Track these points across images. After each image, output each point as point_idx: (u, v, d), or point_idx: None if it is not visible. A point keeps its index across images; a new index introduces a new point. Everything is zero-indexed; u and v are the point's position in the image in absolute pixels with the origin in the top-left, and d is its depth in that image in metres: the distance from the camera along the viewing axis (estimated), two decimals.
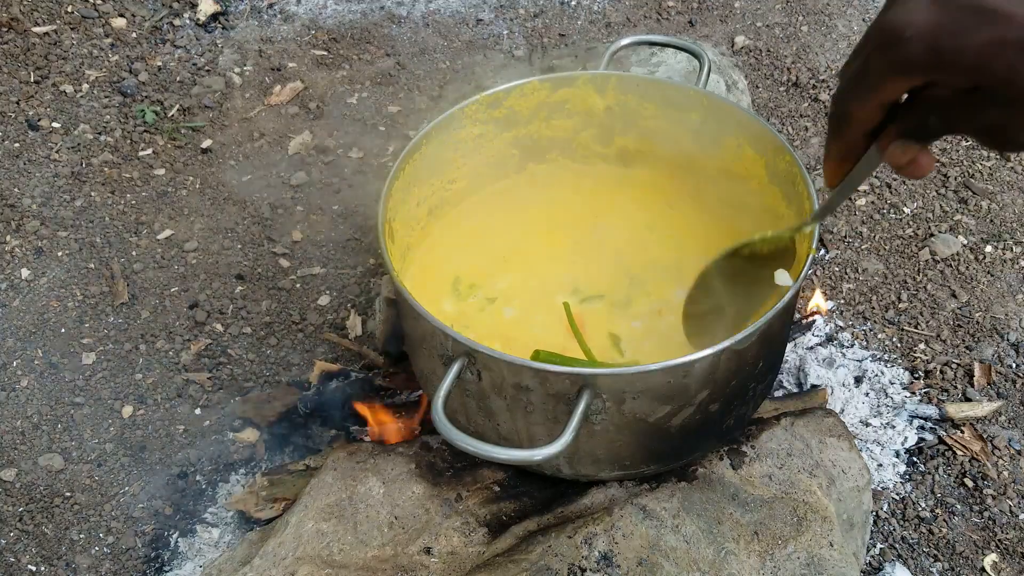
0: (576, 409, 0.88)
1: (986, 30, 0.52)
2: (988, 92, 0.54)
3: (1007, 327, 1.50)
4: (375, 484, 1.11)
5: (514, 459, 0.88)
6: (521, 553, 1.02)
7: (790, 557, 1.02)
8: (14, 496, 1.33)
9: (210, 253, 1.66)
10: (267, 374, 1.46)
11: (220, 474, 1.35)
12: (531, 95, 1.26)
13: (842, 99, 0.62)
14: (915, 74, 0.56)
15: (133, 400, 1.44)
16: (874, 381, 1.42)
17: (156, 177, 1.80)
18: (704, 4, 2.20)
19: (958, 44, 0.53)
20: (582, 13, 2.19)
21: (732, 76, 1.76)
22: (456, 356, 0.93)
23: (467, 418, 1.06)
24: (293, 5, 2.21)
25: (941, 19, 0.53)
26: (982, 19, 0.52)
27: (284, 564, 1.05)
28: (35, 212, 1.73)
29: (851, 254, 1.63)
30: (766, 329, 0.93)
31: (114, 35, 2.09)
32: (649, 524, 1.02)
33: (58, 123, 1.90)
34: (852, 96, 0.61)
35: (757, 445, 1.12)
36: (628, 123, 1.30)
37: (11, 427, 1.41)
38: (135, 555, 1.27)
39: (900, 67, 0.56)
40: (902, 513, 1.28)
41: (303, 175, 1.80)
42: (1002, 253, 1.62)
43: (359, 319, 1.53)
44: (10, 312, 1.57)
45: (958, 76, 0.55)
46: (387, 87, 2.00)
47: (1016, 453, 1.34)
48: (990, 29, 0.52)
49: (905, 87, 0.58)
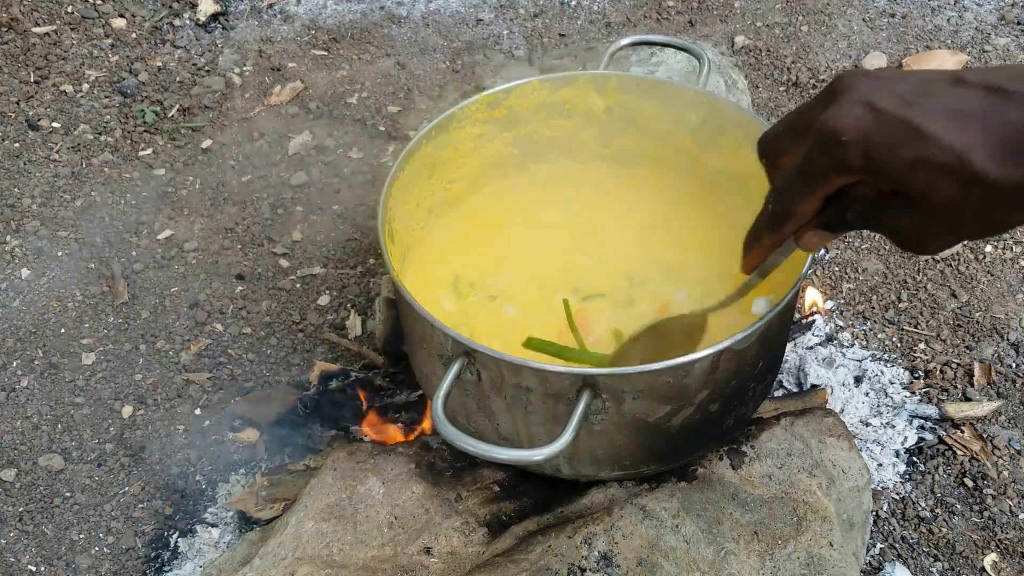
0: (576, 409, 0.88)
1: (913, 147, 0.55)
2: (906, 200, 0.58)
3: (1007, 327, 1.50)
4: (375, 484, 1.11)
5: (514, 459, 0.88)
6: (521, 553, 1.02)
7: (790, 557, 1.02)
8: (14, 496, 1.33)
9: (210, 253, 1.66)
10: (267, 374, 1.46)
11: (220, 474, 1.35)
12: (531, 95, 1.26)
13: (788, 197, 0.64)
14: (853, 174, 0.59)
15: (133, 400, 1.44)
16: (874, 381, 1.42)
17: (156, 177, 1.80)
18: (704, 4, 2.20)
19: (888, 155, 0.56)
20: (582, 13, 2.18)
21: (732, 76, 1.76)
22: (456, 356, 0.93)
23: (467, 418, 1.06)
24: (293, 5, 2.21)
25: (876, 128, 0.56)
26: (911, 135, 0.55)
27: (284, 564, 1.05)
28: (35, 212, 1.73)
29: (851, 254, 1.63)
30: (766, 329, 0.93)
31: (114, 35, 2.09)
32: (649, 524, 1.02)
33: (58, 123, 1.90)
34: (797, 192, 0.63)
35: (757, 445, 1.12)
36: (628, 123, 1.30)
37: (11, 427, 1.41)
38: (135, 555, 1.27)
39: (840, 166, 0.59)
40: (902, 513, 1.28)
41: (303, 175, 1.80)
42: (1002, 253, 1.62)
43: (359, 319, 1.53)
44: (10, 312, 1.57)
45: (885, 182, 0.58)
46: (387, 87, 2.00)
47: (1016, 453, 1.34)
48: (916, 147, 0.55)
49: (842, 184, 0.61)
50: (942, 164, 0.55)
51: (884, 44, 2.06)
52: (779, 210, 0.66)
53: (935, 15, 2.14)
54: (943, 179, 0.55)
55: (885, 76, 0.59)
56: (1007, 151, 0.54)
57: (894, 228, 0.60)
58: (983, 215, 0.56)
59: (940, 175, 0.55)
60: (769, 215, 0.67)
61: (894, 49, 2.04)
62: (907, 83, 0.58)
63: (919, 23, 2.12)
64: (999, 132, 0.54)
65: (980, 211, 0.56)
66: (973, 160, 0.54)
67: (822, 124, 0.59)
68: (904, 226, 0.60)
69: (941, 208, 0.56)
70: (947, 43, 2.05)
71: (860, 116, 0.57)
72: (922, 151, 0.55)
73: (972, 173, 0.54)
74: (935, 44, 2.05)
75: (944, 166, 0.55)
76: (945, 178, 0.55)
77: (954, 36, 2.07)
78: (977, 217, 0.56)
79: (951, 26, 2.10)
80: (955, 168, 0.54)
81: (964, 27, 2.10)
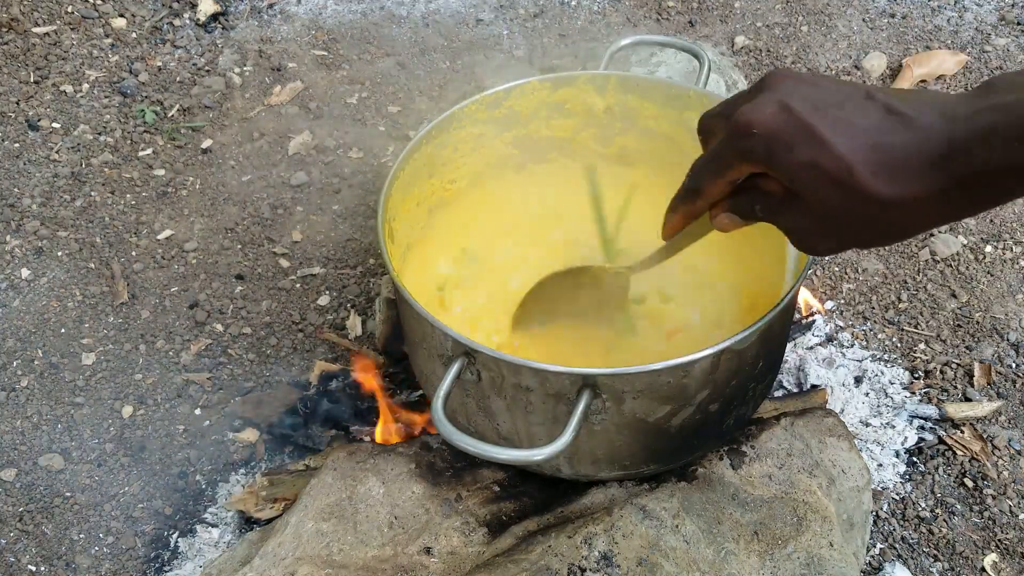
0: (576, 409, 0.88)
1: (808, 150, 0.59)
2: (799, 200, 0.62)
3: (1007, 327, 1.50)
4: (375, 484, 1.11)
5: (514, 459, 0.88)
6: (521, 553, 1.02)
7: (790, 557, 1.02)
8: (14, 496, 1.33)
9: (210, 253, 1.66)
10: (267, 374, 1.46)
11: (220, 474, 1.35)
12: (531, 95, 1.26)
13: (698, 175, 0.70)
14: (756, 165, 0.64)
15: (133, 400, 1.44)
16: (874, 381, 1.42)
17: (156, 177, 1.80)
18: (704, 4, 2.20)
19: (786, 153, 0.60)
20: (582, 13, 2.18)
21: (732, 76, 1.76)
22: (456, 356, 0.93)
23: (467, 418, 1.06)
24: (293, 5, 2.21)
25: (782, 127, 0.61)
26: (809, 139, 0.59)
27: (284, 564, 1.05)
28: (35, 212, 1.73)
29: (851, 254, 1.63)
30: (766, 329, 0.93)
31: (114, 35, 2.09)
32: (649, 524, 1.02)
33: (58, 123, 1.90)
34: (707, 173, 0.69)
35: (757, 445, 1.12)
36: (628, 123, 1.30)
37: (11, 427, 1.41)
38: (135, 555, 1.27)
39: (745, 156, 0.64)
40: (902, 513, 1.28)
41: (303, 175, 1.80)
42: (1002, 253, 1.62)
43: (359, 319, 1.53)
44: (10, 312, 1.57)
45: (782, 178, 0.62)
46: (387, 87, 2.00)
47: (1016, 453, 1.34)
48: (811, 150, 0.59)
49: (749, 171, 0.65)
50: (829, 170, 0.59)
51: (884, 44, 2.06)
52: (690, 186, 0.71)
53: (935, 15, 2.14)
54: (829, 185, 0.59)
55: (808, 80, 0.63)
56: (888, 170, 0.57)
57: (789, 226, 0.65)
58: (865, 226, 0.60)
59: (827, 180, 0.59)
60: (684, 189, 0.73)
61: (894, 49, 2.04)
62: (824, 90, 0.62)
63: (919, 23, 2.12)
64: (885, 151, 0.57)
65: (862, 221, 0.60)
66: (857, 172, 0.58)
67: (738, 115, 0.63)
68: (796, 225, 0.64)
69: (826, 213, 0.61)
70: (947, 43, 2.05)
71: (772, 114, 0.61)
72: (815, 155, 0.59)
73: (854, 184, 0.58)
74: (935, 44, 2.05)
75: (831, 173, 0.59)
76: (831, 184, 0.59)
77: (954, 36, 2.07)
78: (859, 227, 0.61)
79: (951, 26, 2.10)
80: (840, 176, 0.58)
81: (964, 27, 2.10)
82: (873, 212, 0.59)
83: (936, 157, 0.56)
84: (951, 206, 0.58)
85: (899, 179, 0.57)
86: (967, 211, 0.59)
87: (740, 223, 0.71)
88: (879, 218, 0.59)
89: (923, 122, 0.58)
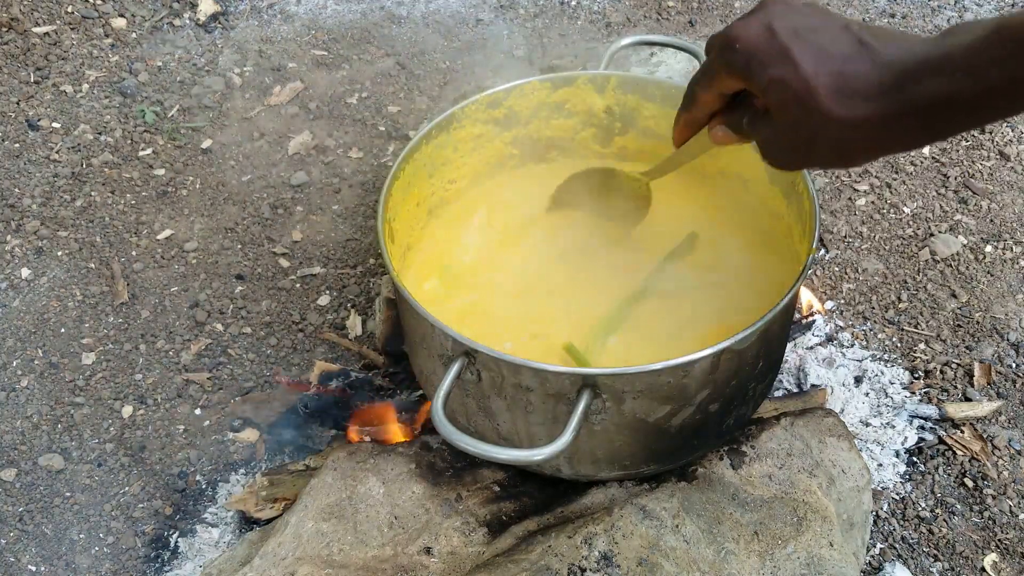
0: (576, 409, 0.88)
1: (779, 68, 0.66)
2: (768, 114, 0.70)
3: (1007, 327, 1.50)
4: (375, 484, 1.11)
5: (514, 459, 0.88)
6: (521, 553, 1.02)
7: (790, 557, 1.02)
8: (14, 496, 1.33)
9: (210, 253, 1.66)
10: (267, 374, 1.46)
11: (220, 474, 1.35)
12: (531, 95, 1.26)
13: (695, 83, 0.79)
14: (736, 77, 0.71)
15: (133, 400, 1.44)
16: (874, 381, 1.42)
17: (156, 177, 1.80)
18: (704, 4, 2.20)
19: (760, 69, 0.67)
20: (582, 13, 2.18)
21: None
22: (456, 356, 0.93)
23: (467, 418, 1.06)
24: (293, 5, 2.21)
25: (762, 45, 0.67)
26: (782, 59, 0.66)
27: (284, 564, 1.05)
28: (35, 212, 1.73)
29: (851, 254, 1.63)
30: (766, 329, 0.94)
31: (114, 35, 2.09)
32: (649, 524, 1.02)
33: (58, 123, 1.90)
34: (700, 82, 0.78)
35: (757, 445, 1.12)
36: (628, 123, 1.31)
37: (11, 427, 1.41)
38: (135, 555, 1.27)
39: (728, 68, 0.71)
40: (902, 513, 1.28)
41: (303, 175, 1.80)
42: (1002, 253, 1.62)
43: (359, 319, 1.53)
44: (10, 312, 1.57)
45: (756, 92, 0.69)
46: (387, 87, 2.00)
47: (1016, 453, 1.34)
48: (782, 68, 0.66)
49: (735, 85, 0.73)
50: (794, 88, 0.65)
51: None
52: (688, 94, 0.80)
53: (935, 15, 2.14)
54: (793, 102, 0.66)
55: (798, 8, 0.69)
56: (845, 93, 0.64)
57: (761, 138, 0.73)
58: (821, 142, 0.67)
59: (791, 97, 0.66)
60: (684, 98, 0.82)
61: None
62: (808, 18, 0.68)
63: (919, 23, 2.12)
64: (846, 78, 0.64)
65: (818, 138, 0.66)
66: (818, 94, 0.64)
67: (728, 30, 0.71)
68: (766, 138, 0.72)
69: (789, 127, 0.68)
70: None
71: (756, 32, 0.68)
72: (784, 73, 0.66)
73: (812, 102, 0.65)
74: None
75: (795, 91, 0.65)
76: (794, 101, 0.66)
77: None
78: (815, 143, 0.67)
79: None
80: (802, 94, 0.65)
81: None
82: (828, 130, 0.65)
83: (888, 85, 0.63)
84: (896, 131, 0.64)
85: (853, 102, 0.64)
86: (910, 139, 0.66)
87: (732, 136, 0.79)
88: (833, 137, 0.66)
89: (885, 54, 0.64)
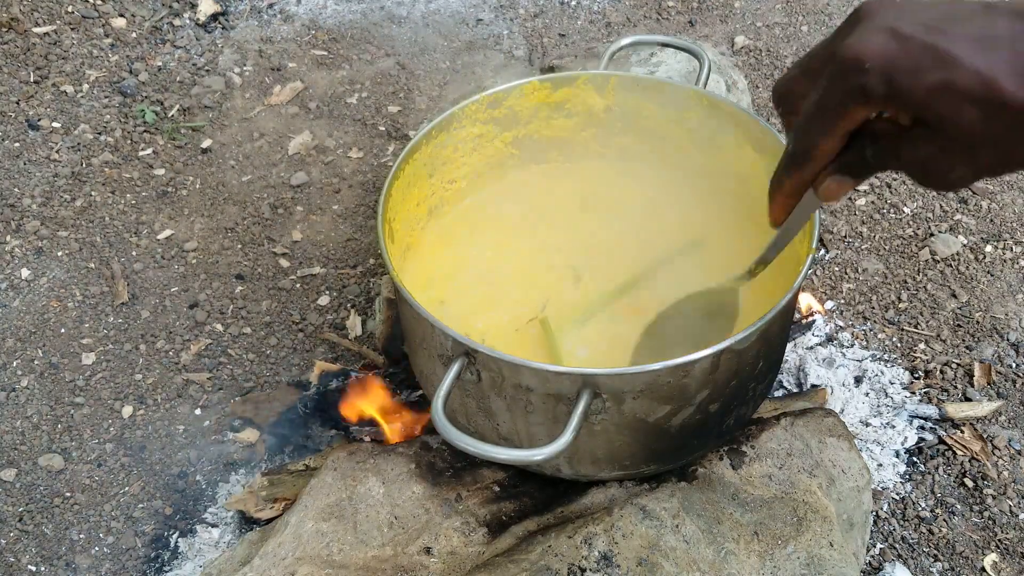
0: (576, 409, 0.88)
1: (938, 72, 0.54)
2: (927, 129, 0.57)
3: (1007, 327, 1.50)
4: (375, 484, 1.11)
5: (514, 459, 0.88)
6: (521, 553, 1.02)
7: (790, 557, 1.02)
8: (14, 496, 1.33)
9: (210, 253, 1.66)
10: (267, 374, 1.46)
11: (220, 474, 1.35)
12: (531, 95, 1.26)
13: (808, 133, 0.62)
14: (874, 104, 0.58)
15: (133, 400, 1.44)
16: (874, 381, 1.42)
17: (156, 177, 1.80)
18: (704, 4, 2.20)
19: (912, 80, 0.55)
20: (582, 13, 2.18)
21: (732, 76, 1.76)
22: (456, 356, 0.93)
23: (467, 418, 1.06)
24: (293, 5, 2.21)
25: (899, 54, 0.55)
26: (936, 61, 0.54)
27: (284, 564, 1.05)
28: (35, 212, 1.73)
29: (851, 254, 1.63)
30: (766, 329, 0.93)
31: (114, 35, 2.09)
32: (649, 524, 1.02)
33: (58, 123, 1.90)
34: (818, 128, 0.61)
35: (757, 445, 1.12)
36: (628, 123, 1.30)
37: (11, 427, 1.41)
38: (135, 555, 1.27)
39: (861, 95, 0.57)
40: (902, 513, 1.28)
41: (303, 175, 1.80)
42: (1002, 253, 1.62)
43: (359, 319, 1.53)
44: (10, 312, 1.57)
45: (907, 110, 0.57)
46: (387, 87, 2.00)
47: (1016, 453, 1.34)
48: (942, 72, 0.54)
49: (864, 116, 0.60)
50: (968, 89, 0.54)
51: None
52: (799, 149, 0.63)
53: None
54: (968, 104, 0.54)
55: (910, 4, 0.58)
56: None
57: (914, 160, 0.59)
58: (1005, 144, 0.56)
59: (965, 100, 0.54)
60: (789, 155, 0.65)
61: None
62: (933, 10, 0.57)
63: None
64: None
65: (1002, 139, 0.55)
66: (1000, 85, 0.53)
67: (843, 51, 0.57)
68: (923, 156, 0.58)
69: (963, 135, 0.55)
70: None
71: (883, 42, 0.56)
72: (947, 76, 0.54)
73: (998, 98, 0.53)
74: None
75: (970, 91, 0.54)
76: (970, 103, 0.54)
77: None
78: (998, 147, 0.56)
79: None
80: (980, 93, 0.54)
81: None
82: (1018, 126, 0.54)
83: None
84: None
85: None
86: None
87: (850, 184, 0.64)
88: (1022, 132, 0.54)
89: None
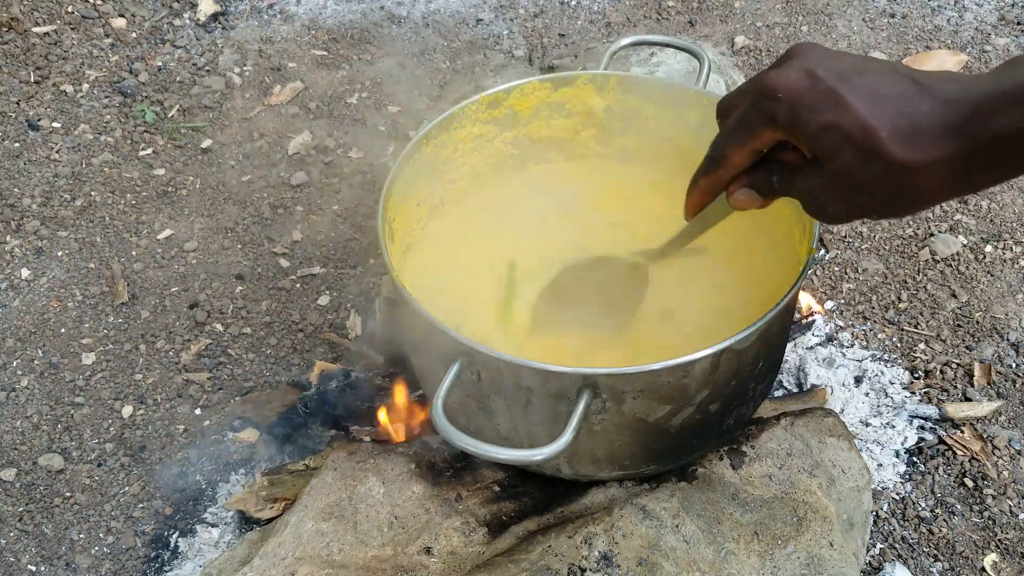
0: (576, 409, 0.88)
1: (831, 113, 0.61)
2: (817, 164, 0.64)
3: (1007, 327, 1.50)
4: (375, 484, 1.11)
5: (514, 459, 0.88)
6: (521, 553, 1.02)
7: (790, 557, 1.02)
8: (14, 496, 1.33)
9: (210, 253, 1.66)
10: (267, 374, 1.46)
11: (220, 474, 1.35)
12: (531, 95, 1.26)
13: (725, 143, 0.70)
14: (779, 129, 0.65)
15: (133, 400, 1.44)
16: (874, 381, 1.42)
17: (156, 177, 1.80)
18: (704, 4, 2.20)
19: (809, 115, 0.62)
20: (582, 13, 2.18)
21: (732, 76, 1.76)
22: (456, 356, 0.93)
23: (467, 418, 1.06)
24: (293, 5, 2.21)
25: (807, 92, 0.62)
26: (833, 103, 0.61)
27: (284, 564, 1.05)
28: (35, 212, 1.73)
29: (851, 254, 1.63)
30: (766, 329, 0.93)
31: (114, 35, 2.09)
32: (649, 524, 1.02)
33: (58, 123, 1.90)
34: (732, 140, 0.69)
35: (757, 445, 1.12)
36: (628, 123, 1.30)
37: (11, 427, 1.41)
38: (135, 555, 1.27)
39: (770, 120, 0.65)
40: (902, 513, 1.28)
41: (303, 175, 1.80)
42: (1002, 253, 1.62)
43: (359, 319, 1.53)
44: (10, 312, 1.57)
45: (802, 141, 0.64)
46: (387, 87, 2.00)
47: (1016, 453, 1.34)
48: (834, 113, 0.61)
49: (772, 139, 0.67)
50: (850, 132, 0.60)
51: (884, 44, 2.06)
52: (713, 155, 0.72)
53: (935, 15, 2.14)
54: (849, 147, 0.61)
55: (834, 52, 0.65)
56: (909, 135, 0.59)
57: (803, 189, 0.67)
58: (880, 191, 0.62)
59: (847, 142, 0.61)
60: (707, 159, 0.73)
61: (894, 49, 2.04)
62: (850, 62, 0.63)
63: (919, 23, 2.12)
64: (908, 117, 0.59)
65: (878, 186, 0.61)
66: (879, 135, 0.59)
67: (766, 81, 0.65)
68: (810, 187, 0.66)
69: (842, 174, 0.62)
70: (947, 43, 2.05)
71: (798, 79, 0.63)
72: (836, 118, 0.61)
73: (874, 147, 0.60)
74: (935, 44, 2.05)
75: (851, 135, 0.60)
76: (850, 146, 0.61)
77: (954, 36, 2.07)
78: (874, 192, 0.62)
79: (951, 26, 2.10)
80: (860, 138, 0.60)
81: (964, 27, 2.10)
82: (891, 177, 0.60)
83: (958, 123, 0.58)
84: (967, 173, 0.59)
85: (920, 144, 0.59)
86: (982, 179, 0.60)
87: (757, 200, 0.72)
88: (895, 184, 0.61)
89: (948, 92, 0.59)
